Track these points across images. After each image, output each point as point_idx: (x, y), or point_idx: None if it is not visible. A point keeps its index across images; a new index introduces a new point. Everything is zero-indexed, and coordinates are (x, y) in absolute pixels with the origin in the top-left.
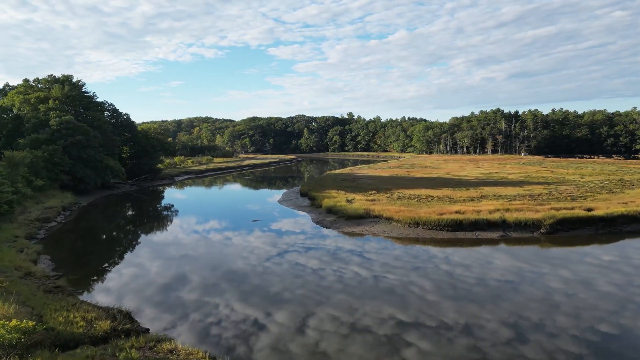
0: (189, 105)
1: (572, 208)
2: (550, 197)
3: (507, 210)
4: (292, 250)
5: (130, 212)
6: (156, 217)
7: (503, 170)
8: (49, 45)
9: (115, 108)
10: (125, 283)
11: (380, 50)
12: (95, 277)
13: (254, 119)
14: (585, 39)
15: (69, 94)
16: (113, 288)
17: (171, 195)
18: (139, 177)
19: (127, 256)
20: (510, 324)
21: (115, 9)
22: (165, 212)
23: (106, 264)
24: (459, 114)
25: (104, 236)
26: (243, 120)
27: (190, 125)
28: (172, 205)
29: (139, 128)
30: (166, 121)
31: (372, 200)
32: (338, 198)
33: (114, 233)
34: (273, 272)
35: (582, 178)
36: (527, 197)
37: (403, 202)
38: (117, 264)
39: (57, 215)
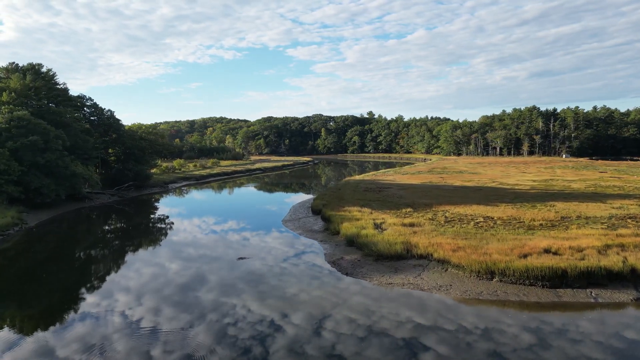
0: (208, 106)
1: None
2: None
3: (622, 246)
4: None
5: (89, 237)
6: (117, 249)
7: (556, 176)
8: (72, 48)
9: (95, 103)
10: None
11: (399, 50)
12: None
13: (269, 118)
14: (611, 37)
15: (31, 85)
16: None
17: (155, 208)
18: (122, 185)
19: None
20: None
21: (135, 12)
22: (131, 240)
23: None
24: (479, 114)
25: (19, 289)
26: (258, 121)
27: (203, 125)
28: (146, 224)
29: (126, 127)
30: (179, 121)
31: (410, 224)
32: (362, 220)
33: (39, 279)
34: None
35: None
36: (628, 219)
37: (455, 228)
38: None
39: None
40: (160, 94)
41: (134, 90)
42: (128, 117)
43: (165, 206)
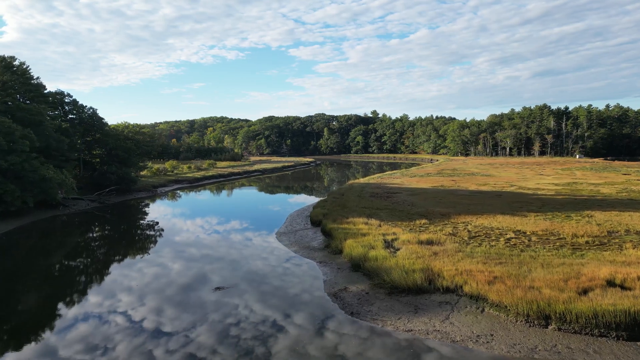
0: (211, 106)
1: None
2: None
3: None
4: None
5: (56, 250)
6: (86, 265)
7: (578, 179)
8: (75, 48)
9: (75, 100)
10: None
11: (402, 50)
12: None
13: (270, 118)
14: (615, 36)
15: None
16: None
17: (135, 216)
18: (103, 189)
19: None
20: None
21: (138, 12)
22: (102, 254)
23: None
24: (482, 113)
25: None
26: (259, 120)
27: (204, 125)
28: (120, 236)
29: (111, 127)
30: (179, 121)
31: (428, 242)
32: (369, 236)
33: None
34: None
35: None
36: None
37: (483, 247)
38: None
39: None
40: (163, 94)
41: (137, 91)
42: (130, 117)
43: (148, 214)
